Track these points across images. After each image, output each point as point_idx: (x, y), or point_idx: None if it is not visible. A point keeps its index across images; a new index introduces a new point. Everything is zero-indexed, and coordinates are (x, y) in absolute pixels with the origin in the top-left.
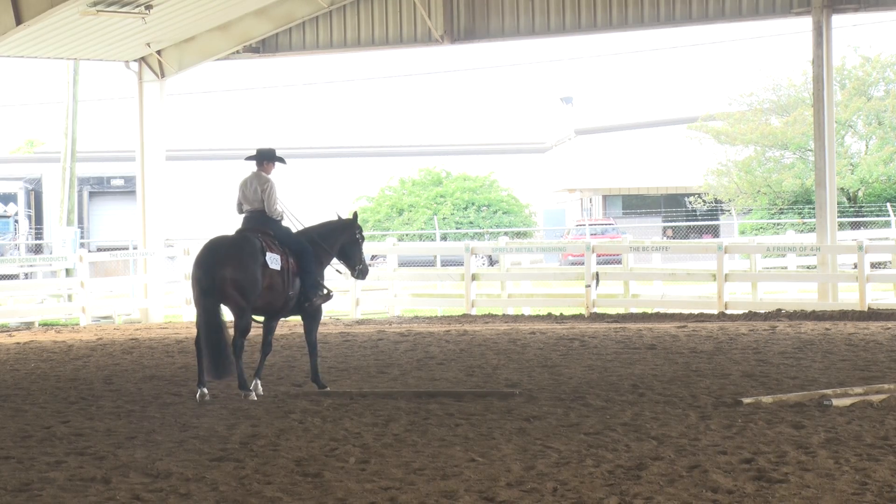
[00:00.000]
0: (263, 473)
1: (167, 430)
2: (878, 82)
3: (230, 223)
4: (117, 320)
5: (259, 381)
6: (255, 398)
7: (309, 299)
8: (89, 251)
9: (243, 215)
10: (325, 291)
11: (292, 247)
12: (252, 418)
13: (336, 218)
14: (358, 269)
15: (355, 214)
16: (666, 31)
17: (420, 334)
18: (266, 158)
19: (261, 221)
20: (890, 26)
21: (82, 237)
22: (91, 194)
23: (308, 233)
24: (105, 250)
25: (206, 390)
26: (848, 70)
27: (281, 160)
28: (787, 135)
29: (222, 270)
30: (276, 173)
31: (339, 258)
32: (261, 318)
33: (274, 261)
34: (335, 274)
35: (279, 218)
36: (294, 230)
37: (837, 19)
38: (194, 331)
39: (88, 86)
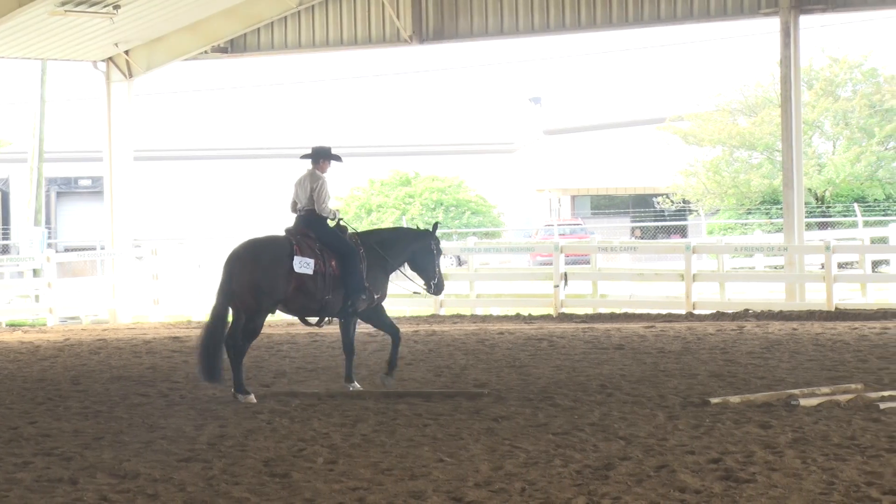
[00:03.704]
0: (231, 474)
1: (135, 431)
2: (846, 83)
3: (199, 223)
4: (85, 321)
5: (354, 383)
6: (255, 400)
7: (352, 303)
8: (57, 251)
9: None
10: (369, 297)
11: (336, 249)
12: (220, 419)
13: (411, 227)
14: (433, 283)
15: (435, 225)
16: (635, 32)
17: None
18: (322, 156)
19: (306, 223)
20: (857, 27)
21: (50, 237)
22: (59, 195)
23: (366, 238)
24: (73, 251)
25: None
26: (816, 71)
27: (337, 158)
28: (755, 135)
29: (238, 272)
30: (252, 173)
31: (413, 270)
32: (314, 320)
33: (304, 265)
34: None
35: (330, 216)
36: (351, 233)
37: (805, 20)
38: (162, 331)
39: (56, 86)
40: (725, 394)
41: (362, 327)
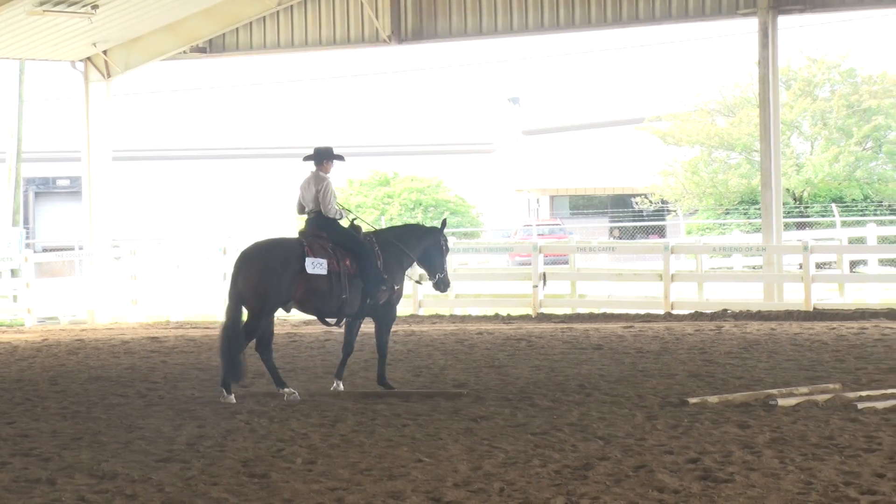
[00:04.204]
0: (210, 474)
1: (113, 432)
2: (824, 83)
3: (177, 224)
4: (63, 321)
5: (340, 382)
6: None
7: (373, 297)
8: (35, 252)
9: (305, 217)
10: (389, 287)
11: (350, 248)
12: (198, 419)
13: (421, 224)
14: (439, 276)
15: (444, 222)
16: (614, 32)
17: (367, 335)
18: (324, 157)
19: (318, 224)
20: (836, 27)
21: (27, 238)
22: (37, 195)
23: (384, 234)
24: (51, 251)
25: (227, 393)
26: (794, 71)
27: (339, 158)
28: (733, 135)
29: (245, 274)
30: (231, 173)
31: (421, 265)
32: (333, 320)
33: (317, 265)
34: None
35: (336, 217)
36: (364, 232)
37: (783, 20)
38: (140, 331)
39: (34, 86)
40: (704, 394)
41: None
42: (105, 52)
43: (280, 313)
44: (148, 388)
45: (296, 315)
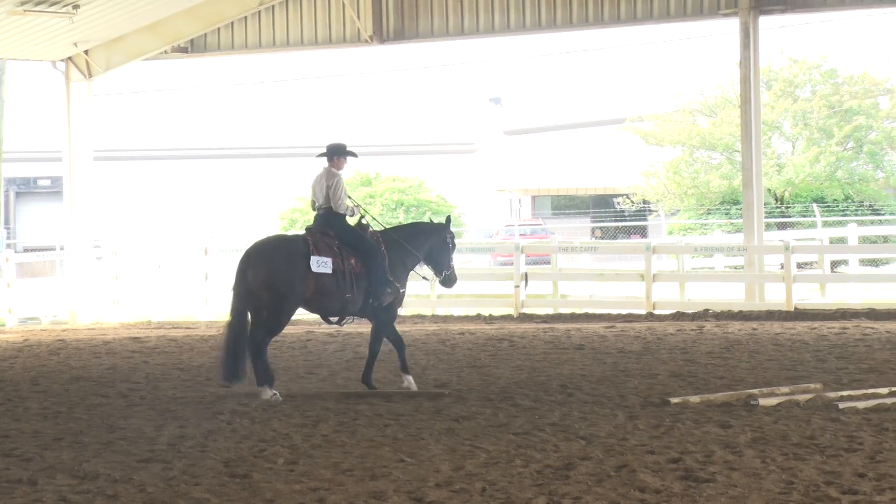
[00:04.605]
0: (191, 475)
1: (94, 432)
2: (805, 84)
3: (159, 224)
4: (44, 321)
5: (408, 376)
6: (268, 398)
7: (377, 298)
8: (16, 252)
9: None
10: (394, 289)
11: (356, 247)
12: (180, 419)
13: (427, 221)
14: (445, 274)
15: (448, 219)
16: (596, 32)
17: (349, 335)
18: (337, 154)
19: (325, 221)
20: (817, 28)
21: (9, 238)
22: (18, 195)
23: (389, 234)
24: (32, 251)
25: (271, 391)
26: (775, 71)
27: (352, 154)
28: (715, 136)
29: (252, 272)
30: (214, 173)
31: (427, 262)
32: (334, 319)
33: (322, 264)
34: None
35: (346, 213)
36: (372, 231)
37: (764, 21)
38: (122, 332)
39: (15, 85)
40: (685, 394)
41: (323, 328)
42: (86, 52)
43: None
44: (129, 389)
45: None
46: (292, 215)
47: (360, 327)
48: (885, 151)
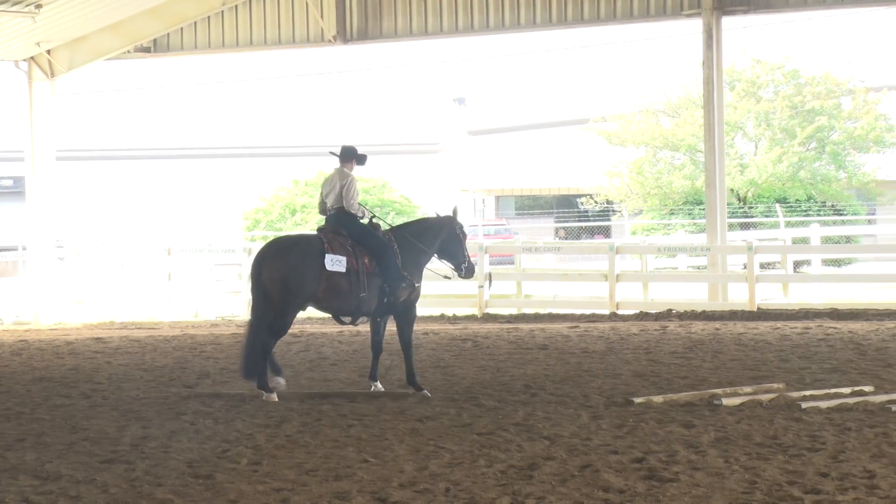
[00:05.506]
0: (154, 475)
1: (57, 433)
2: (768, 84)
3: (121, 224)
4: (6, 322)
5: (376, 383)
6: (276, 399)
7: (393, 294)
8: None
9: (326, 217)
10: (409, 284)
11: (369, 246)
12: (143, 420)
13: (434, 215)
14: (464, 267)
15: (455, 210)
16: (559, 33)
17: (313, 335)
18: (350, 156)
19: (338, 221)
20: (779, 28)
21: None
22: None
23: (401, 232)
24: None
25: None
26: (738, 72)
27: (364, 157)
28: (678, 136)
29: (267, 271)
30: (176, 173)
31: (441, 257)
32: (347, 319)
33: (336, 263)
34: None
35: (357, 213)
36: (383, 230)
37: (727, 21)
38: (85, 332)
39: None
40: (649, 393)
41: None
42: (49, 52)
43: None
44: (92, 389)
45: None
46: (255, 215)
47: (321, 328)
48: (848, 152)
